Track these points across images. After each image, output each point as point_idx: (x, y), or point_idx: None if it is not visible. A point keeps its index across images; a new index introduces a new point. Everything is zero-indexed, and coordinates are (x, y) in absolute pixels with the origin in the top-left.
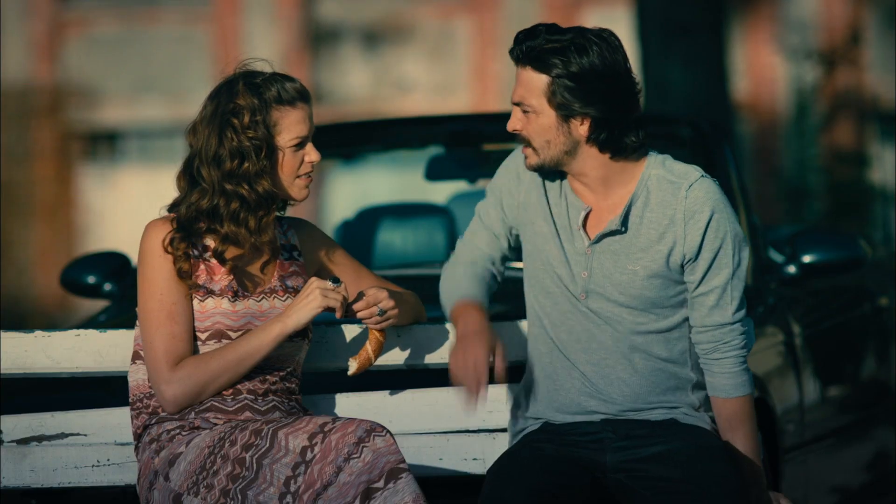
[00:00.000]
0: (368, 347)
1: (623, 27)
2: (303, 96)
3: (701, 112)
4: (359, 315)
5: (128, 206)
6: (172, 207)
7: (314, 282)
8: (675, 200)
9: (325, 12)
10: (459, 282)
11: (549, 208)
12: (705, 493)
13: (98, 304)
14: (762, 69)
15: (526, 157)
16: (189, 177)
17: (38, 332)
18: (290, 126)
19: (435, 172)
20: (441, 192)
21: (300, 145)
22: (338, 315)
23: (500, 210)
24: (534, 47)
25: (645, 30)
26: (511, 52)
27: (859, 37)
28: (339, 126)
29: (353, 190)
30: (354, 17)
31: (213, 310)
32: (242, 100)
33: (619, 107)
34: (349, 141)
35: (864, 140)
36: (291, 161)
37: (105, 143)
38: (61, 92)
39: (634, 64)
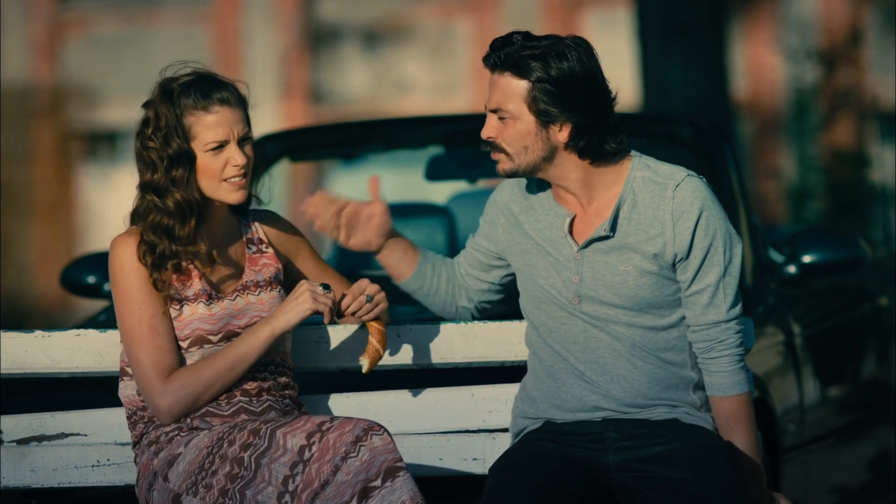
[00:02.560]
0: (373, 340)
1: (623, 27)
2: (224, 101)
3: (701, 112)
4: (350, 310)
5: (128, 207)
6: (133, 216)
7: (304, 284)
8: (662, 202)
9: (325, 12)
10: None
11: (531, 225)
12: (707, 494)
13: (98, 304)
14: (762, 69)
15: (498, 163)
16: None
17: (38, 332)
18: (204, 131)
19: (435, 172)
20: (441, 192)
21: (218, 149)
22: (326, 320)
23: (486, 239)
24: (512, 53)
25: (645, 30)
26: (486, 59)
27: (859, 37)
28: (339, 126)
29: (353, 190)
30: (354, 17)
31: (191, 317)
32: (153, 109)
33: (599, 112)
34: (349, 141)
35: (864, 140)
36: (212, 165)
37: (105, 143)
38: (61, 92)
39: (634, 64)
